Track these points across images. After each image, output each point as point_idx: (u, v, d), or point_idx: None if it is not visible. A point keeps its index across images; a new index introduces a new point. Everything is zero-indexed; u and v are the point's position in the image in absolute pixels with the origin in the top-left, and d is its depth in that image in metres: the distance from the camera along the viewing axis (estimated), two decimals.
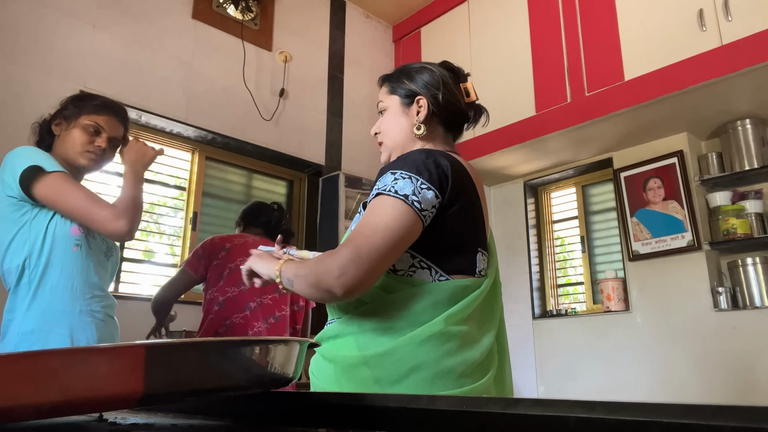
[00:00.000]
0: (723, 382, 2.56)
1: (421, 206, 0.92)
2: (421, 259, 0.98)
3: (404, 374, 0.91)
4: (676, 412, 0.30)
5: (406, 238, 0.91)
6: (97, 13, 2.71)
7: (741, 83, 2.41)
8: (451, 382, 0.91)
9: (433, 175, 0.95)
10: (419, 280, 0.97)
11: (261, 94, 3.28)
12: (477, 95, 1.14)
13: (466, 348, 0.94)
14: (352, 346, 0.97)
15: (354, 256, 0.87)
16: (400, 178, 0.94)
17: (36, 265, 1.32)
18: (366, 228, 0.91)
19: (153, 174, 2.97)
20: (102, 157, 1.46)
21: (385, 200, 0.93)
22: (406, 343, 0.92)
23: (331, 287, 0.88)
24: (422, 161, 0.97)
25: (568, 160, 3.37)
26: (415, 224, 0.92)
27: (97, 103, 1.47)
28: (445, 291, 0.96)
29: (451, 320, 0.94)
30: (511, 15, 3.31)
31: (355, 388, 0.94)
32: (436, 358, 0.91)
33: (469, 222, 1.01)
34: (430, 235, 0.96)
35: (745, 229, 2.65)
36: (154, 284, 2.86)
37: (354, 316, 0.99)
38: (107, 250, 1.47)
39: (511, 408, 0.36)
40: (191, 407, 0.61)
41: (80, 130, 1.43)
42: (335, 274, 0.87)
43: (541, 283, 3.52)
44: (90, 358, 0.38)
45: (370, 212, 0.93)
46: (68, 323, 1.32)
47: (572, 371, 3.11)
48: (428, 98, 1.11)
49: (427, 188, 0.94)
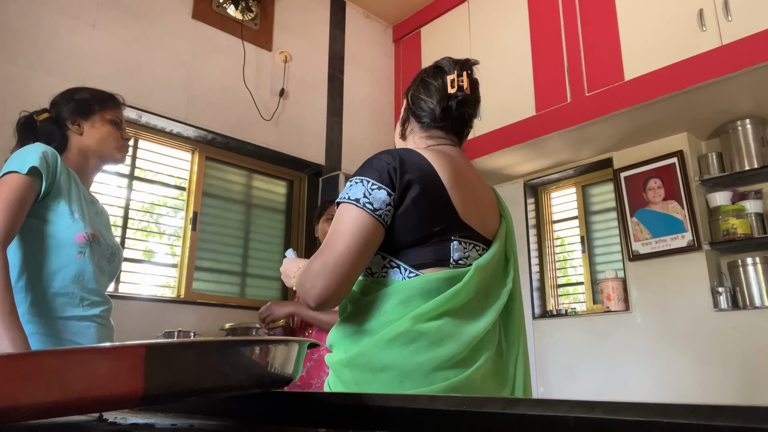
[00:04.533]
0: (723, 382, 2.56)
1: (373, 207, 0.93)
2: (390, 258, 0.99)
3: (376, 374, 0.93)
4: (676, 412, 0.30)
5: (368, 240, 0.93)
6: (97, 13, 2.71)
7: (741, 83, 2.41)
8: (419, 380, 0.91)
9: (382, 174, 0.96)
10: (391, 279, 0.98)
11: (261, 94, 3.28)
12: (464, 86, 1.09)
13: (440, 344, 0.92)
14: (340, 350, 1.00)
15: (320, 268, 0.91)
16: (353, 184, 0.97)
17: (35, 270, 1.30)
18: (329, 238, 0.94)
19: (153, 174, 2.97)
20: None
21: (342, 208, 0.96)
22: (374, 344, 0.94)
23: (306, 300, 0.93)
24: (373, 162, 0.99)
25: (568, 160, 3.37)
26: (372, 226, 0.93)
27: (110, 98, 1.50)
28: (414, 288, 0.95)
29: (421, 318, 0.93)
30: (511, 15, 3.31)
31: (342, 390, 0.97)
32: (402, 357, 0.91)
33: (428, 212, 0.97)
34: (392, 233, 0.97)
35: (745, 229, 2.65)
36: (154, 284, 2.86)
37: (342, 321, 1.03)
38: (111, 256, 1.45)
39: (511, 408, 0.36)
40: (191, 407, 0.61)
41: (110, 127, 1.46)
42: (307, 287, 0.92)
43: (541, 283, 3.52)
44: (90, 358, 0.38)
45: (333, 223, 0.97)
46: (66, 328, 1.31)
47: (572, 371, 3.11)
48: (407, 100, 1.16)
49: (377, 188, 0.95)
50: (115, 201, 2.76)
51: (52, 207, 1.33)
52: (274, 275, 3.31)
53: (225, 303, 3.00)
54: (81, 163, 1.44)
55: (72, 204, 1.36)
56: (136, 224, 2.86)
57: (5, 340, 1.14)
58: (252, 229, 3.31)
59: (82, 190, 1.42)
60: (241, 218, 3.27)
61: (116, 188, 2.79)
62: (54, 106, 1.46)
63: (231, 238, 3.19)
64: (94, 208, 1.47)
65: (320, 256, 0.92)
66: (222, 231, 3.16)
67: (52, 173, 1.32)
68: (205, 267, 3.04)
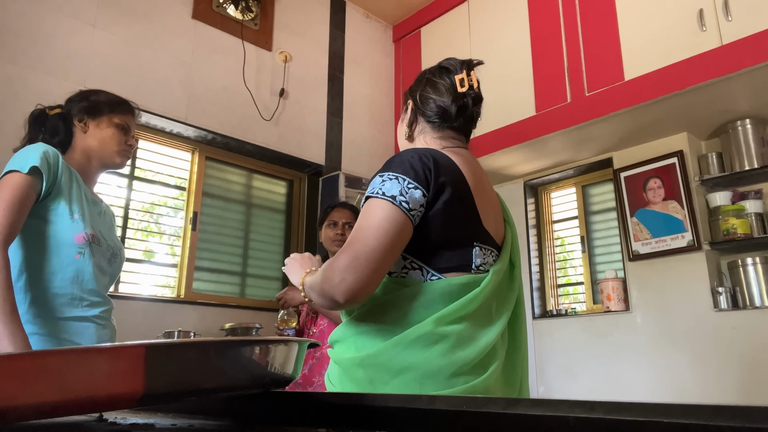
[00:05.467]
0: (723, 382, 2.56)
1: (409, 206, 0.92)
2: (412, 260, 0.98)
3: (394, 375, 0.92)
4: (676, 412, 0.30)
5: (399, 239, 0.91)
6: (97, 13, 2.71)
7: (741, 83, 2.41)
8: (441, 383, 0.91)
9: (419, 174, 0.95)
10: (411, 281, 0.97)
11: (261, 94, 3.28)
12: (473, 85, 1.12)
13: (460, 348, 0.93)
14: (351, 348, 0.98)
15: (351, 261, 0.88)
16: (387, 180, 0.95)
17: (35, 270, 1.30)
18: (360, 232, 0.91)
19: (153, 174, 2.97)
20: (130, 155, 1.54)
21: (375, 203, 0.93)
22: (395, 345, 0.92)
23: (333, 295, 0.89)
24: (408, 160, 0.97)
25: (568, 160, 3.37)
26: (405, 225, 0.92)
27: (123, 103, 1.51)
28: (436, 291, 0.95)
29: (443, 320, 0.93)
30: (511, 15, 3.31)
31: (353, 388, 0.96)
32: (424, 360, 0.91)
33: (456, 217, 0.98)
34: (418, 234, 0.95)
35: (745, 229, 2.65)
36: (154, 284, 2.86)
37: (352, 318, 1.01)
38: (112, 257, 1.45)
39: (511, 408, 0.36)
40: (191, 407, 0.61)
41: (115, 130, 1.46)
42: (335, 281, 0.88)
43: (541, 283, 3.52)
44: (90, 358, 0.38)
45: (362, 217, 0.94)
46: (66, 329, 1.31)
47: (572, 371, 3.11)
48: (413, 100, 1.14)
49: (414, 187, 0.93)
50: (115, 201, 2.76)
51: (53, 207, 1.33)
52: (274, 275, 3.31)
53: (225, 303, 3.00)
54: (84, 163, 1.44)
55: (72, 204, 1.36)
56: (136, 224, 2.86)
57: (5, 340, 1.14)
58: (252, 229, 3.31)
59: (84, 190, 1.42)
60: (241, 218, 3.27)
61: (116, 188, 2.79)
62: (67, 103, 1.48)
63: (231, 238, 3.19)
64: (96, 208, 1.47)
65: (349, 250, 0.89)
66: (222, 231, 3.16)
67: (53, 173, 1.32)
68: (205, 267, 3.04)
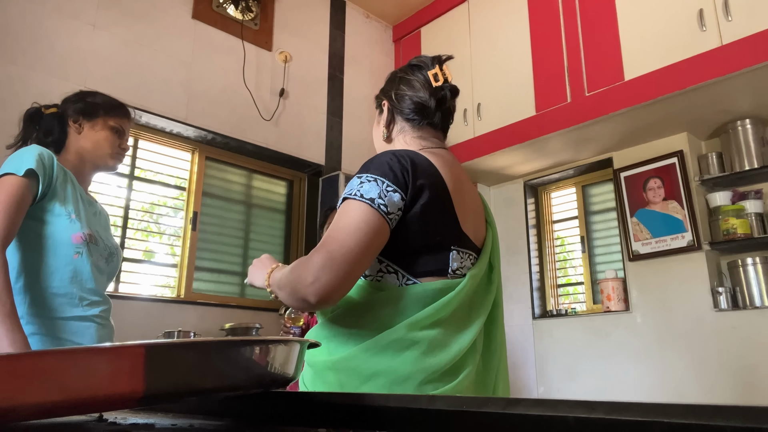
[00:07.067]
0: (723, 382, 2.56)
1: (387, 209, 0.90)
2: (387, 263, 0.96)
3: (364, 380, 0.90)
4: (676, 412, 0.30)
5: (376, 241, 0.89)
6: (97, 14, 2.71)
7: (741, 83, 2.41)
8: (410, 390, 0.89)
9: (398, 177, 0.93)
10: (387, 285, 0.95)
11: (261, 94, 3.28)
12: (447, 78, 1.09)
13: (431, 354, 0.91)
14: (324, 351, 0.97)
15: (326, 261, 0.84)
16: (366, 182, 0.92)
17: (33, 271, 1.30)
18: (336, 232, 0.88)
19: (153, 174, 2.97)
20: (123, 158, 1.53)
21: (352, 204, 0.90)
22: (366, 350, 0.91)
23: (305, 295, 0.85)
24: (387, 162, 0.94)
25: (568, 160, 3.37)
26: (382, 228, 0.89)
27: (119, 106, 1.51)
28: (411, 295, 0.93)
29: (415, 326, 0.91)
30: (511, 15, 3.31)
31: (324, 390, 0.95)
32: (394, 366, 0.89)
33: (433, 220, 0.96)
34: (395, 238, 0.93)
35: (745, 229, 2.65)
36: (154, 284, 2.86)
37: (327, 321, 0.99)
38: (109, 256, 1.45)
39: (511, 408, 0.36)
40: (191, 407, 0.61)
41: (109, 132, 1.46)
42: (308, 280, 0.84)
43: (541, 283, 3.52)
44: (90, 358, 0.38)
45: (338, 218, 0.91)
46: (65, 328, 1.31)
47: (572, 371, 3.11)
48: (389, 100, 1.12)
49: (393, 190, 0.91)
50: (115, 201, 2.76)
51: (49, 208, 1.34)
52: None
53: (225, 303, 3.00)
54: (77, 164, 1.44)
55: (68, 205, 1.36)
56: (136, 224, 2.86)
57: (5, 340, 1.14)
58: (252, 229, 3.31)
59: (79, 190, 1.42)
60: (241, 218, 3.27)
61: (116, 188, 2.79)
62: (63, 103, 1.48)
63: (231, 238, 3.19)
64: (92, 208, 1.47)
65: (324, 249, 0.85)
66: (222, 231, 3.16)
67: (48, 175, 1.32)
68: (205, 267, 3.04)
